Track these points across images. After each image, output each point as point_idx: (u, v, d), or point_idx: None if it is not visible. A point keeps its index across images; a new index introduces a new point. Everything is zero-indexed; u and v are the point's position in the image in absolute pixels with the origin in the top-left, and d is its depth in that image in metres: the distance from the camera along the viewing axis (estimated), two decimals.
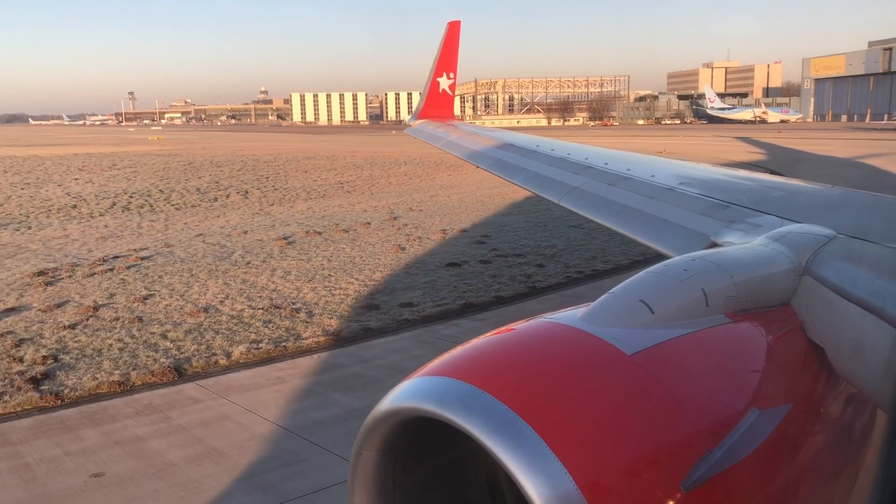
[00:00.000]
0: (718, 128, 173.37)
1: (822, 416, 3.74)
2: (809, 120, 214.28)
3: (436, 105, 21.54)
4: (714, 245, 5.28)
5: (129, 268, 24.84)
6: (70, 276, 23.80)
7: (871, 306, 3.66)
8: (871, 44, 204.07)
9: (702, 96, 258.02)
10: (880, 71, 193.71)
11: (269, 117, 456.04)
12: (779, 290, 3.98)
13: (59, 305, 20.17)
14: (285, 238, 30.43)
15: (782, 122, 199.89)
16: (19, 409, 13.57)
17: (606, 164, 9.57)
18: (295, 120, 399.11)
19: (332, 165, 73.07)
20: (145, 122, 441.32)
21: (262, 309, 19.71)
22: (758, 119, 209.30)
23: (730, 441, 2.89)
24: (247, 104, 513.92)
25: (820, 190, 6.87)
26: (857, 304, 3.73)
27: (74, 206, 42.30)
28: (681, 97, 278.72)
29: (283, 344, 17.00)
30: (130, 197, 46.60)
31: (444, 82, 21.53)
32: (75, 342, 17.07)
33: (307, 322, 18.57)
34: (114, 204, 43.45)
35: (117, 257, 26.84)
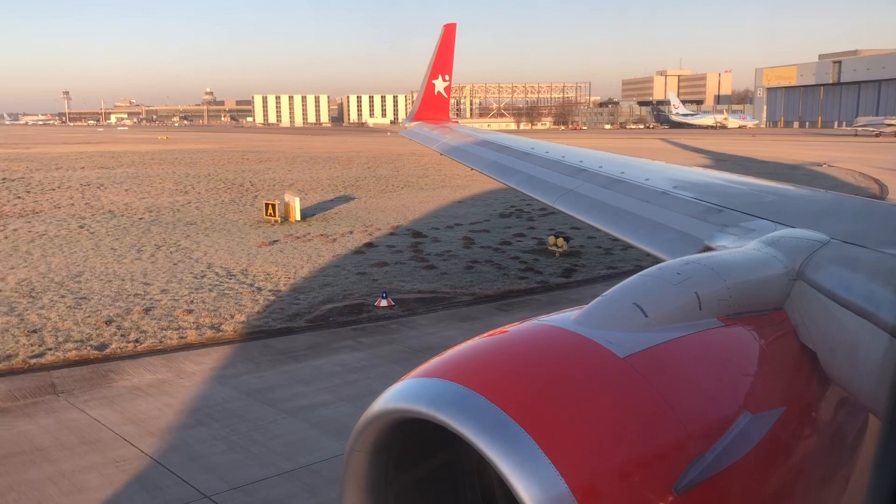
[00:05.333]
0: (686, 132, 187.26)
1: (814, 419, 3.80)
2: (763, 126, 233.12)
3: (431, 107, 21.75)
4: (708, 249, 5.38)
5: (543, 216, 38.74)
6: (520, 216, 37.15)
7: (864, 311, 3.67)
8: (821, 56, 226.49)
9: (661, 102, 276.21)
10: (830, 82, 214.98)
11: (223, 118, 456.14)
12: (772, 295, 4.03)
13: (529, 228, 33.38)
14: None
15: (741, 127, 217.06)
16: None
17: (601, 167, 9.61)
18: (257, 121, 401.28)
19: (427, 162, 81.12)
20: (90, 122, 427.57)
21: None
22: (718, 125, 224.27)
23: (722, 444, 2.94)
24: (198, 105, 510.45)
25: (813, 195, 6.89)
26: (850, 308, 3.74)
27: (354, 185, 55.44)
28: (641, 103, 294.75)
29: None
30: (352, 181, 59.08)
31: (439, 84, 21.77)
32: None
33: None
34: (366, 184, 56.50)
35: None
